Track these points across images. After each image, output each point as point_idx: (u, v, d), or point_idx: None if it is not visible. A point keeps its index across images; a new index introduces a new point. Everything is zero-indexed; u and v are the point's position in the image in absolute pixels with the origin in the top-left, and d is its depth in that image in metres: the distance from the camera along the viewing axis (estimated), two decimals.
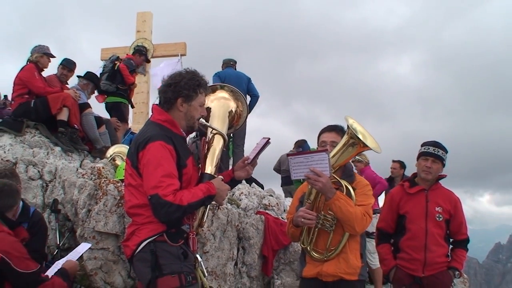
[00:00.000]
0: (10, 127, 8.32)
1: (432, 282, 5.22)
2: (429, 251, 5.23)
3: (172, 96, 4.02)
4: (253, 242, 7.03)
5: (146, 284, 3.77)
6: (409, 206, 5.35)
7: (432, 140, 5.49)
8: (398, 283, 5.35)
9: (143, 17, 14.55)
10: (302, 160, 4.25)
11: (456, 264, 5.37)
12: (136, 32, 14.44)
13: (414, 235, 5.29)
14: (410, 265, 5.28)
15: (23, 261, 4.40)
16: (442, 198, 5.41)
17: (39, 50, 8.78)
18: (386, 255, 5.43)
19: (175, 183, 3.72)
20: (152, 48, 14.14)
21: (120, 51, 14.39)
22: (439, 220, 5.30)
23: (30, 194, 7.00)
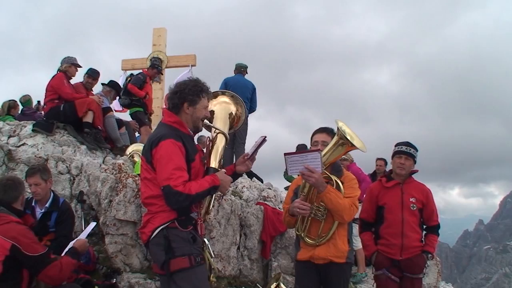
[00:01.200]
0: (42, 128, 8.31)
1: (409, 264, 5.21)
2: (406, 237, 5.22)
3: (179, 101, 4.03)
4: (254, 229, 7.01)
5: (161, 265, 3.79)
6: (386, 198, 5.34)
7: (405, 141, 5.52)
8: (379, 265, 5.34)
9: (159, 32, 14.53)
10: (297, 158, 4.29)
11: (429, 248, 5.35)
12: (152, 45, 14.40)
13: (391, 224, 5.28)
14: (389, 250, 5.26)
15: (32, 245, 4.34)
16: (415, 190, 5.41)
17: (68, 60, 8.78)
18: (368, 241, 5.41)
19: (184, 175, 3.73)
20: (166, 60, 14.10)
21: (138, 62, 14.40)
22: (413, 210, 5.29)
23: (60, 187, 6.98)
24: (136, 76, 10.85)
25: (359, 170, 10.23)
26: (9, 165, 7.36)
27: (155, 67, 11.40)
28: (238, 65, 10.80)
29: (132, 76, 10.98)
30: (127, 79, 11.14)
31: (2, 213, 4.44)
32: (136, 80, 10.65)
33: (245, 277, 6.82)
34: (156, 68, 11.41)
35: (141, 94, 10.57)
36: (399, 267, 5.23)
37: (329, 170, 4.50)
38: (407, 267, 5.22)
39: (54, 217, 5.62)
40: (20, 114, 11.61)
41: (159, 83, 13.94)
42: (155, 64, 11.53)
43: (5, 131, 8.48)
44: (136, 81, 10.60)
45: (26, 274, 4.45)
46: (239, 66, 10.76)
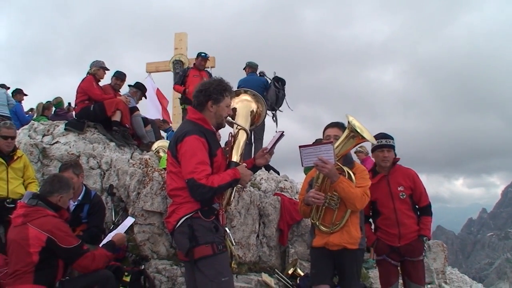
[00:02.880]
0: (74, 127, 8.38)
1: (408, 249, 5.16)
2: (402, 225, 5.16)
3: (204, 99, 4.03)
4: (272, 218, 6.99)
5: (185, 252, 3.80)
6: (376, 193, 5.18)
7: (380, 133, 5.37)
8: (379, 251, 5.30)
9: (180, 36, 14.61)
10: (311, 150, 4.28)
11: (424, 232, 5.25)
12: (174, 49, 14.48)
13: (386, 216, 5.22)
14: (387, 237, 5.22)
15: (66, 238, 4.40)
16: (401, 177, 5.30)
17: (96, 64, 8.83)
18: (368, 232, 5.25)
19: (207, 169, 3.74)
20: (188, 62, 14.15)
21: (162, 65, 14.52)
22: (404, 198, 5.21)
23: (91, 181, 7.02)
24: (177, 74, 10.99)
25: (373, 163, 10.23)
26: (43, 161, 7.42)
27: (199, 55, 10.87)
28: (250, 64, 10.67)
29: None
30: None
31: (40, 206, 4.49)
32: (177, 78, 10.65)
33: (264, 263, 6.82)
34: (200, 55, 10.86)
35: (179, 90, 10.60)
36: (398, 252, 5.18)
37: (341, 161, 4.49)
38: (407, 252, 5.17)
39: (86, 209, 5.68)
40: (53, 115, 11.74)
41: None
42: (200, 53, 10.90)
43: (40, 130, 8.56)
44: (178, 79, 10.54)
45: (61, 263, 4.51)
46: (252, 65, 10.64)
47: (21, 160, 6.25)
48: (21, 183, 6.21)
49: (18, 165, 6.20)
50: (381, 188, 5.25)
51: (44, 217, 4.41)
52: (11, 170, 6.10)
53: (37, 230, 4.30)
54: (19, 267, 4.28)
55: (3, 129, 6.12)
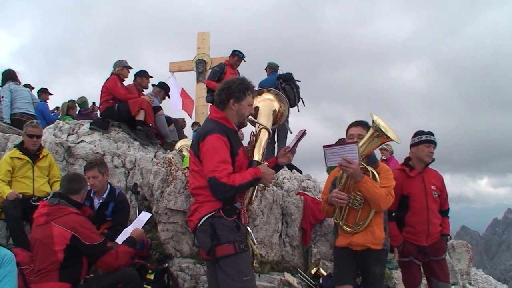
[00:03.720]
0: (99, 126, 8.46)
1: (434, 248, 5.12)
2: (431, 223, 5.11)
3: (226, 97, 4.02)
4: (294, 218, 6.95)
5: (207, 251, 3.79)
6: (411, 187, 5.15)
7: (427, 130, 5.30)
8: (406, 253, 5.21)
9: (202, 36, 14.64)
10: (335, 150, 4.22)
11: (446, 231, 5.27)
12: (197, 48, 14.52)
13: (417, 212, 5.14)
14: (415, 237, 5.14)
15: (90, 235, 4.43)
16: (433, 177, 5.27)
17: (120, 64, 8.89)
18: (395, 231, 5.18)
19: (228, 167, 3.72)
20: (210, 61, 14.20)
21: (184, 64, 14.57)
22: (435, 197, 5.17)
23: (115, 179, 7.07)
24: (212, 69, 10.37)
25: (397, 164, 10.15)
26: (69, 160, 7.50)
27: (236, 54, 10.55)
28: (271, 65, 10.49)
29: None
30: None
31: (62, 205, 4.53)
32: (213, 73, 10.20)
33: (286, 263, 6.78)
34: (237, 54, 10.54)
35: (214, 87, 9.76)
36: (425, 253, 5.13)
37: (364, 161, 4.42)
38: (433, 251, 5.12)
39: (111, 207, 5.75)
40: (78, 114, 11.88)
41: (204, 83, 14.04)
42: (236, 51, 10.58)
43: (65, 129, 8.66)
44: (213, 75, 10.13)
45: (85, 260, 4.55)
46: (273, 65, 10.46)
47: (46, 159, 6.34)
48: (47, 182, 6.30)
49: (44, 164, 6.28)
50: (416, 184, 5.18)
51: (67, 215, 4.45)
52: (37, 168, 6.19)
53: (61, 228, 4.34)
54: (44, 265, 4.33)
55: (29, 128, 6.21)
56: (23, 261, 4.66)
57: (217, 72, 10.04)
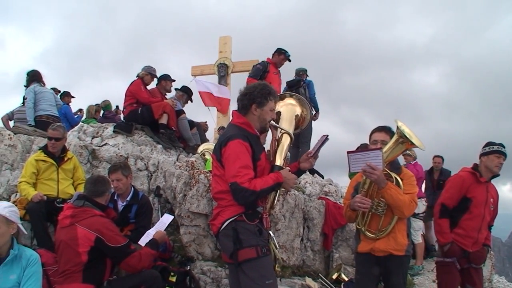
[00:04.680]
0: (122, 129, 8.53)
1: (476, 256, 5.18)
2: (481, 232, 5.19)
3: (248, 102, 4.04)
4: (316, 222, 6.95)
5: (229, 254, 3.82)
6: (476, 192, 5.18)
7: (499, 142, 5.32)
8: (451, 254, 5.21)
9: (224, 40, 14.63)
10: (359, 156, 4.22)
11: (488, 242, 5.36)
12: (219, 52, 14.51)
13: (474, 217, 5.17)
14: (463, 241, 5.17)
15: (114, 237, 4.48)
16: (493, 191, 5.35)
17: (147, 69, 8.98)
18: (446, 229, 5.24)
19: (250, 173, 3.74)
20: (232, 65, 14.20)
21: (207, 68, 14.56)
22: (491, 209, 5.27)
23: (139, 182, 7.15)
24: (255, 66, 9.89)
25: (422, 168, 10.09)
26: (93, 163, 7.60)
27: (283, 52, 9.90)
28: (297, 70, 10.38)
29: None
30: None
31: (87, 207, 4.59)
32: (255, 71, 9.68)
33: (308, 267, 6.78)
34: (283, 53, 9.90)
35: None
36: (467, 258, 5.16)
37: (387, 167, 4.39)
38: (475, 259, 5.18)
39: (134, 210, 5.80)
40: (102, 117, 12.02)
41: (226, 86, 14.06)
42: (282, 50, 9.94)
43: (89, 132, 8.76)
44: (255, 73, 9.62)
45: (108, 262, 4.59)
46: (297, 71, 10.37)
47: (71, 161, 6.42)
48: (71, 184, 6.38)
49: (68, 166, 6.37)
50: (481, 191, 5.22)
51: (92, 217, 4.51)
52: (62, 171, 6.27)
53: (85, 230, 4.39)
54: (68, 266, 4.38)
55: (49, 130, 6.32)
56: (47, 262, 4.74)
57: (259, 70, 9.65)
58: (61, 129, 6.35)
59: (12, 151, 8.00)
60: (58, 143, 6.25)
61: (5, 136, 8.12)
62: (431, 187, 10.61)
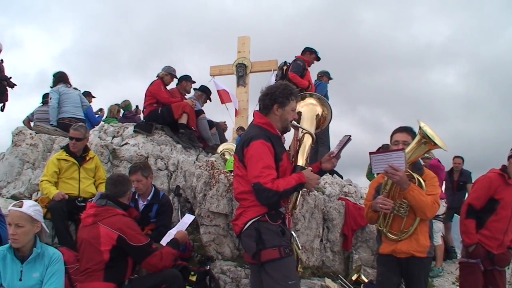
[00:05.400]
0: (142, 129, 8.56)
1: (500, 258, 5.13)
2: (507, 234, 5.13)
3: (269, 103, 4.04)
4: (336, 223, 6.91)
5: (252, 255, 3.82)
6: (505, 193, 5.12)
7: None
8: (475, 255, 5.16)
9: (243, 40, 14.61)
10: (382, 157, 4.18)
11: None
12: (237, 52, 14.50)
13: (500, 219, 5.12)
14: (488, 242, 5.12)
15: (136, 236, 4.49)
16: None
17: (167, 70, 8.99)
18: (472, 229, 5.18)
19: (273, 173, 3.75)
20: (250, 65, 14.19)
21: (225, 68, 14.57)
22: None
23: (159, 181, 7.16)
24: (295, 63, 9.53)
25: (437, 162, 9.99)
26: (113, 162, 7.64)
27: (314, 52, 9.72)
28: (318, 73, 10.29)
29: (288, 64, 9.51)
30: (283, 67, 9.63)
31: (110, 206, 4.61)
32: (297, 67, 9.39)
33: (327, 268, 6.74)
34: (314, 53, 9.75)
35: (304, 84, 9.23)
36: (491, 260, 5.11)
37: (410, 168, 4.35)
38: (499, 261, 5.12)
39: (155, 209, 5.82)
40: (122, 117, 12.08)
41: (244, 86, 14.06)
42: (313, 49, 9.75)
43: (110, 132, 8.81)
44: (297, 69, 9.35)
45: (130, 261, 4.62)
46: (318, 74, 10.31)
47: (93, 161, 6.45)
48: (92, 183, 6.41)
49: (90, 166, 6.40)
50: (508, 193, 5.16)
51: (114, 216, 4.53)
52: (83, 170, 6.31)
53: (108, 228, 4.42)
54: (90, 265, 4.41)
55: (70, 130, 6.35)
56: (69, 260, 4.75)
57: (300, 67, 9.40)
58: (83, 129, 6.37)
59: (33, 150, 8.08)
60: (79, 143, 6.28)
61: (26, 136, 8.20)
62: (451, 188, 10.51)
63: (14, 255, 3.92)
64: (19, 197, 7.10)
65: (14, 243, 3.87)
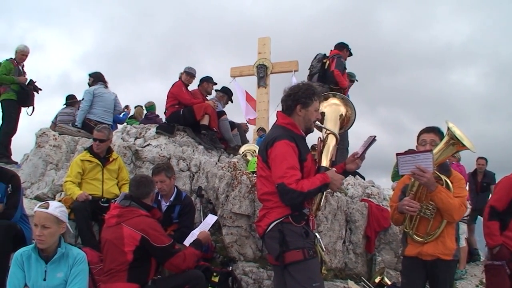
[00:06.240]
0: (165, 130, 8.60)
1: None
2: None
3: (292, 103, 3.99)
4: (359, 225, 6.83)
5: (276, 257, 3.77)
6: None
7: None
8: (500, 257, 5.01)
9: (263, 41, 14.58)
10: (409, 158, 4.09)
11: None
12: (258, 53, 14.47)
13: None
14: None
15: (159, 237, 4.48)
16: None
17: (186, 70, 9.05)
18: (496, 231, 5.04)
19: (297, 174, 3.69)
20: (271, 66, 14.15)
21: (246, 69, 14.56)
22: None
23: (181, 182, 7.17)
24: (339, 60, 9.25)
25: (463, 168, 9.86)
26: (136, 163, 7.67)
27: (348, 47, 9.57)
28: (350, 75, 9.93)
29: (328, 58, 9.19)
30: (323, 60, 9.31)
31: (133, 207, 4.61)
32: (341, 65, 9.19)
33: (350, 270, 6.67)
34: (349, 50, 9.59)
35: (344, 84, 9.17)
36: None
37: (437, 169, 4.25)
38: None
39: (178, 210, 5.82)
40: (144, 118, 12.14)
41: (265, 87, 14.02)
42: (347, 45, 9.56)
43: (132, 133, 8.85)
44: (342, 66, 9.19)
45: (153, 262, 4.61)
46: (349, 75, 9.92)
47: (116, 162, 6.48)
48: (115, 184, 6.44)
49: (113, 167, 6.43)
50: None
51: (138, 217, 4.53)
52: (106, 171, 6.34)
53: (131, 229, 4.41)
54: (114, 265, 4.42)
55: (94, 131, 6.42)
56: (92, 260, 4.77)
57: (343, 65, 9.24)
58: (106, 131, 6.41)
59: (56, 151, 8.16)
60: (102, 144, 6.31)
61: (50, 137, 8.28)
62: (475, 189, 10.38)
63: (38, 255, 3.94)
64: (43, 198, 7.16)
65: (40, 244, 3.88)
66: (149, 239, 4.40)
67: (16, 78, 8.85)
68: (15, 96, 8.89)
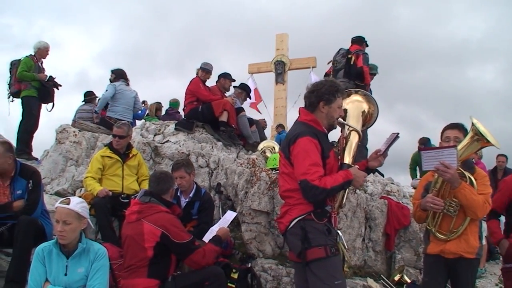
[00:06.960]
0: (183, 126, 8.61)
1: None
2: None
3: (315, 100, 3.96)
4: (378, 222, 6.75)
5: (297, 254, 3.74)
6: None
7: None
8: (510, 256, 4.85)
9: (281, 37, 14.51)
10: (433, 154, 4.03)
11: None
12: (276, 50, 14.40)
13: None
14: None
15: (179, 233, 4.48)
16: None
17: (202, 65, 9.05)
18: (495, 228, 4.96)
19: (320, 170, 3.66)
20: (289, 63, 14.07)
21: (263, 65, 14.48)
22: None
23: (200, 179, 7.16)
24: (365, 56, 9.13)
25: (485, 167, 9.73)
26: (155, 159, 7.69)
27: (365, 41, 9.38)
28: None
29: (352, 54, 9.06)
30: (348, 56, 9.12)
31: (153, 203, 4.60)
32: (368, 59, 9.07)
33: (369, 268, 6.60)
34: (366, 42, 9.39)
35: (369, 81, 9.10)
36: None
37: (461, 166, 4.17)
38: None
39: (197, 206, 5.82)
40: (165, 114, 12.18)
41: (283, 84, 13.97)
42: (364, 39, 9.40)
43: (151, 130, 8.88)
44: (368, 61, 9.06)
45: (173, 258, 4.61)
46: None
47: (136, 158, 6.50)
48: (135, 180, 6.47)
49: (133, 163, 6.46)
50: None
51: (158, 213, 4.52)
52: (126, 167, 6.37)
53: (151, 225, 4.41)
54: (134, 261, 4.42)
55: (114, 128, 6.48)
56: (112, 256, 4.77)
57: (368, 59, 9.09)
58: (126, 127, 6.43)
59: (77, 147, 8.22)
60: (122, 140, 6.34)
61: (70, 133, 8.34)
62: (495, 187, 10.22)
63: (59, 250, 3.94)
64: (63, 194, 7.21)
65: (61, 239, 3.88)
66: (169, 235, 4.39)
67: (36, 75, 8.94)
68: (36, 93, 8.98)
